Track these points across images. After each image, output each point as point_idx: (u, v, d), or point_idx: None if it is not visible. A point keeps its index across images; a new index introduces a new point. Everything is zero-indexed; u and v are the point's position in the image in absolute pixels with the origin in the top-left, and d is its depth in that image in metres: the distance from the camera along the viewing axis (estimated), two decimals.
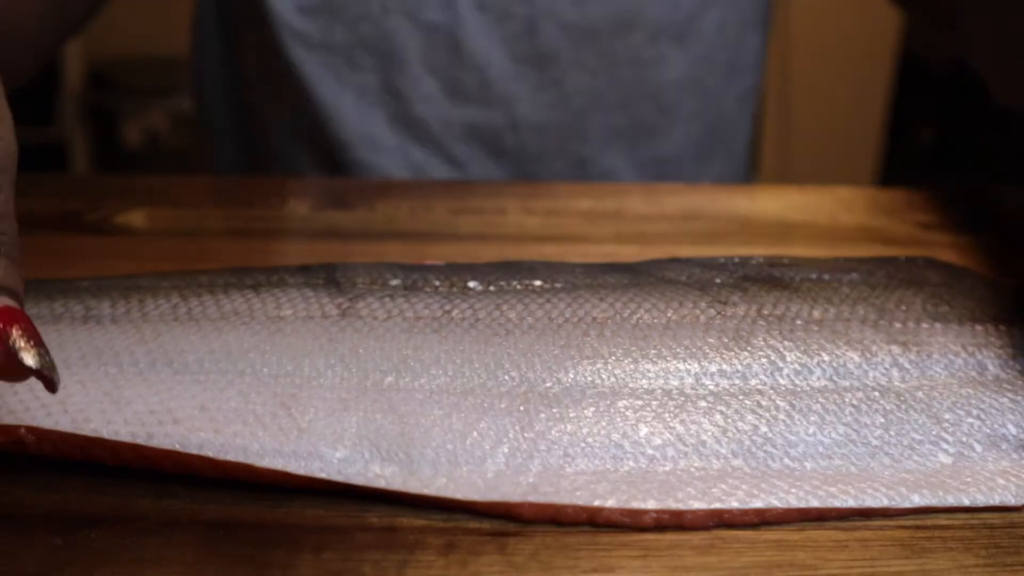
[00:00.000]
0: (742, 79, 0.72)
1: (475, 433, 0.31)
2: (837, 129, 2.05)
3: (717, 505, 0.29)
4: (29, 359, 0.27)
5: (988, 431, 0.33)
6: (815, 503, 0.30)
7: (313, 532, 0.28)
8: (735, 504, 0.29)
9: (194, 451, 0.30)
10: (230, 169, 0.74)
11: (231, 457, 0.30)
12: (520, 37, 0.65)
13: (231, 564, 0.27)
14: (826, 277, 0.39)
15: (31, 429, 0.30)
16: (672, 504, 0.29)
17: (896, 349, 0.35)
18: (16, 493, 0.30)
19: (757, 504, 0.29)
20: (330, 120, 0.67)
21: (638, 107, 0.68)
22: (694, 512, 0.29)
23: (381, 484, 0.29)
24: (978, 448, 0.32)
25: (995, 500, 0.31)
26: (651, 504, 0.29)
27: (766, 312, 0.36)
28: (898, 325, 0.36)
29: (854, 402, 0.33)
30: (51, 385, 0.28)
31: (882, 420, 0.33)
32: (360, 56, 0.66)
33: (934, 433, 0.32)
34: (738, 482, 0.30)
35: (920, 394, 0.34)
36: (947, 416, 0.33)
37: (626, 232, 0.53)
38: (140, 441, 0.30)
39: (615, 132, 0.69)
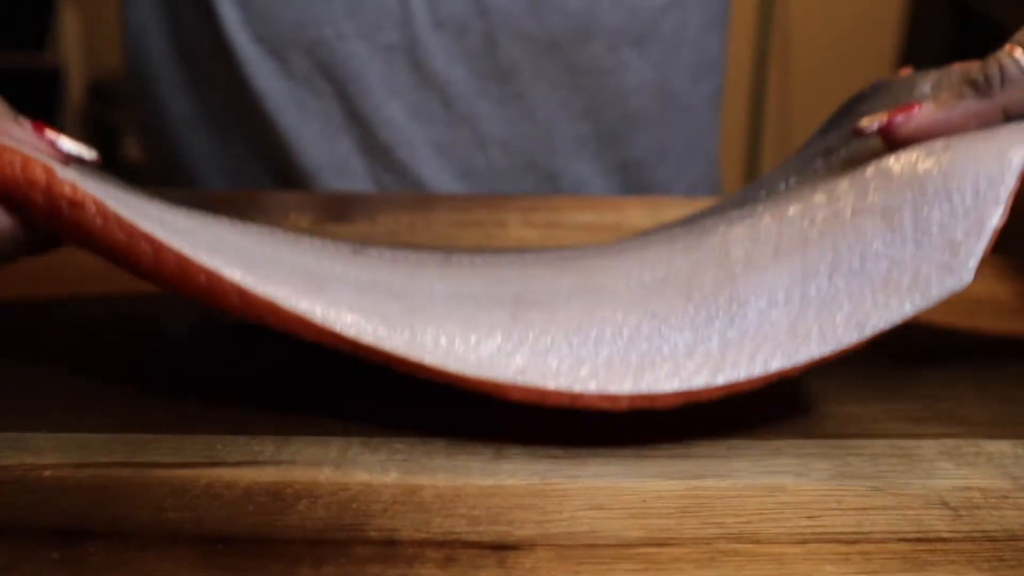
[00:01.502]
0: (707, 80, 0.72)
1: (472, 321, 0.33)
2: None
3: (686, 387, 0.32)
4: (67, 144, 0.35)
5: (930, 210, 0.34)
6: (776, 365, 0.32)
7: (312, 545, 0.28)
8: (701, 383, 0.32)
9: (227, 278, 0.32)
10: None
11: (260, 292, 0.32)
12: (480, 53, 0.65)
13: None
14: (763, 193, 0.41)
15: (97, 202, 0.32)
16: (645, 388, 0.32)
17: (819, 162, 0.38)
18: (15, 507, 0.30)
19: (721, 380, 0.32)
20: (299, 149, 0.66)
21: (603, 115, 0.68)
22: (666, 395, 0.32)
23: (386, 345, 0.32)
24: (919, 227, 0.33)
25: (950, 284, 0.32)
26: (627, 387, 0.32)
27: (729, 215, 0.39)
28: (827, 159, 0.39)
29: (801, 225, 0.35)
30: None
31: (828, 233, 0.34)
32: (320, 83, 0.65)
33: (879, 229, 0.34)
34: (705, 358, 0.32)
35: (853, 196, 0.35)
36: (889, 202, 0.34)
37: None
38: (184, 252, 0.32)
39: (582, 141, 0.68)
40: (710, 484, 0.32)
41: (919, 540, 0.29)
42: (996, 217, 0.33)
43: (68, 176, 0.32)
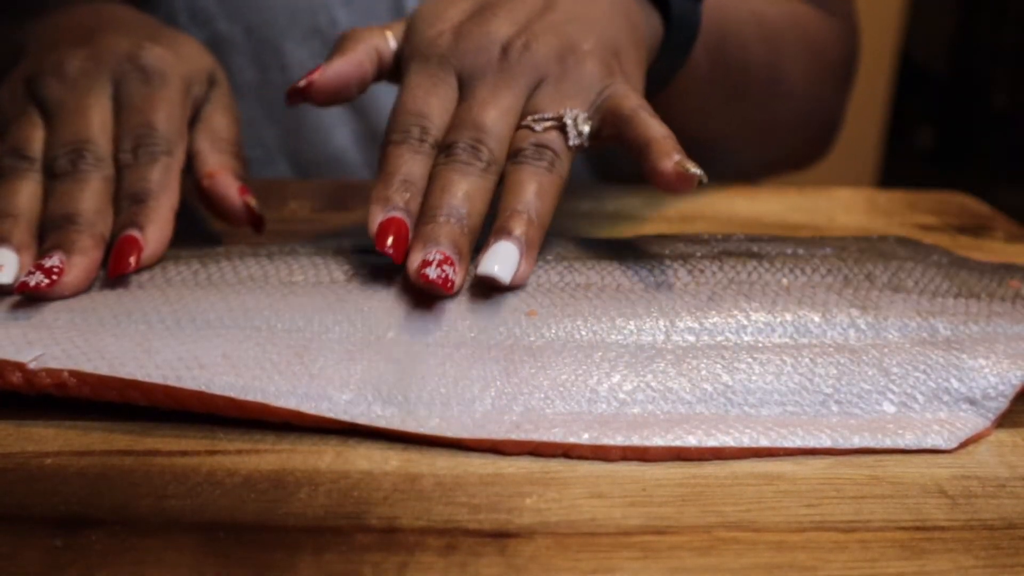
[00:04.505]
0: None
1: (466, 379, 0.34)
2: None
3: (677, 443, 0.32)
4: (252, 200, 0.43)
5: (932, 385, 0.35)
6: (765, 443, 0.33)
7: (313, 533, 0.28)
8: (693, 442, 0.32)
9: (218, 392, 0.33)
10: None
11: (251, 398, 0.33)
12: None
13: (231, 566, 0.27)
14: (800, 251, 0.41)
15: (73, 372, 0.33)
16: (637, 441, 0.32)
17: (855, 312, 0.37)
18: (17, 494, 0.30)
19: (713, 443, 0.32)
20: (295, 139, 0.66)
21: None
22: (656, 448, 0.32)
23: (382, 424, 0.32)
24: (920, 399, 0.35)
25: (927, 444, 0.33)
26: (619, 440, 0.32)
27: (739, 279, 0.39)
28: (861, 292, 0.38)
29: (811, 356, 0.35)
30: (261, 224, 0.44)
31: (835, 372, 0.35)
32: None
33: (881, 384, 0.35)
34: (698, 424, 0.33)
35: (873, 351, 0.36)
36: (895, 370, 0.35)
37: (626, 233, 0.53)
38: (170, 383, 0.33)
39: None
40: (709, 472, 0.32)
41: (917, 528, 0.29)
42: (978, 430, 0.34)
43: (39, 364, 0.34)
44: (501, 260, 0.36)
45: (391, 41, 0.44)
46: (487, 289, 0.37)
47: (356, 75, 0.43)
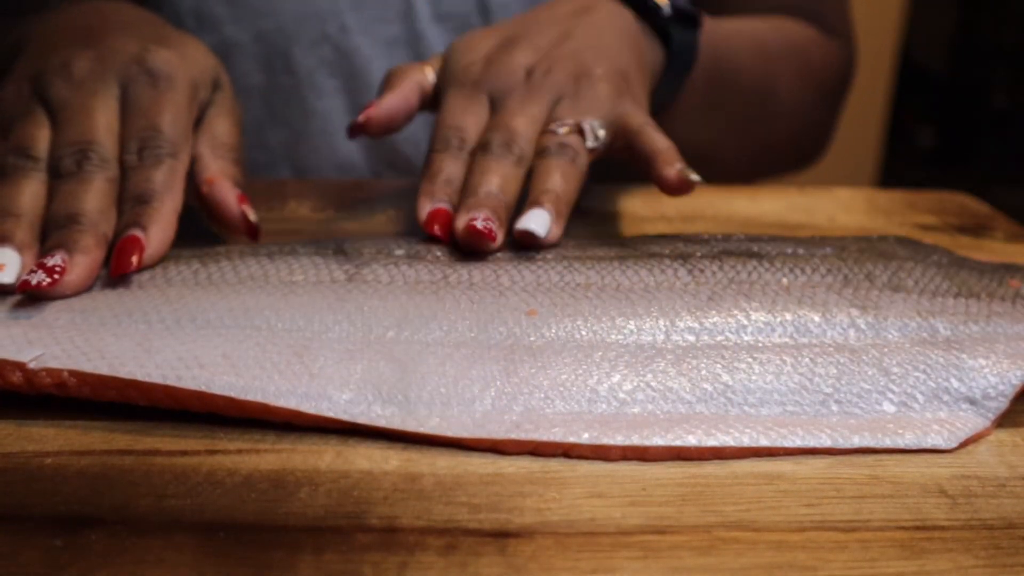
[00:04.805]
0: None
1: (466, 379, 0.34)
2: (837, 130, 2.05)
3: (677, 443, 0.32)
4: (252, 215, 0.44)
5: (932, 384, 0.35)
6: (765, 442, 0.33)
7: (313, 533, 0.28)
8: (693, 442, 0.32)
9: (218, 392, 0.33)
10: None
11: (251, 398, 0.33)
12: None
13: (231, 565, 0.27)
14: (800, 251, 0.41)
15: (73, 372, 0.33)
16: (637, 441, 0.32)
17: (855, 312, 0.37)
18: (16, 494, 0.30)
19: (713, 443, 0.32)
20: (300, 144, 0.66)
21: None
22: (656, 448, 0.32)
23: (382, 423, 0.32)
24: (920, 399, 0.35)
25: (927, 443, 0.33)
26: (619, 440, 0.32)
27: (739, 279, 0.39)
28: (861, 292, 0.38)
29: (811, 356, 0.35)
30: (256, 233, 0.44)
31: (835, 372, 0.35)
32: (323, 79, 0.65)
33: (881, 384, 0.35)
34: (698, 423, 0.33)
35: (873, 351, 0.36)
36: (895, 370, 0.35)
37: (626, 233, 0.53)
38: (170, 383, 0.33)
39: None
40: (709, 472, 0.32)
41: (917, 528, 0.29)
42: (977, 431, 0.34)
43: (39, 364, 0.33)
44: (536, 221, 0.41)
45: (430, 75, 0.49)
46: (488, 288, 0.37)
47: (404, 108, 0.48)
